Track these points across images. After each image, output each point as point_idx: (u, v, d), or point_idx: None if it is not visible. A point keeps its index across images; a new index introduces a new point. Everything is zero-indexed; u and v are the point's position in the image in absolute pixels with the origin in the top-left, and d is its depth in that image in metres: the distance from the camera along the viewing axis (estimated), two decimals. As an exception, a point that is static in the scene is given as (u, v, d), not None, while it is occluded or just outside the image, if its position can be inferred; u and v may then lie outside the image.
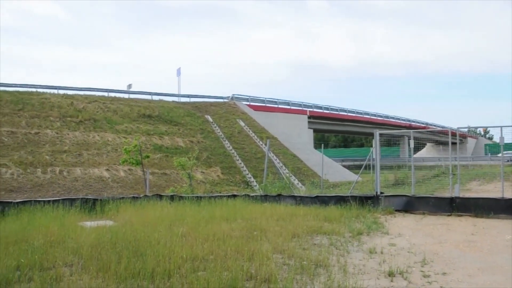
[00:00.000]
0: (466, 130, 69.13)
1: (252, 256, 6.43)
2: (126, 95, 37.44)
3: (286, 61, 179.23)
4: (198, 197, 14.10)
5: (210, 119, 34.95)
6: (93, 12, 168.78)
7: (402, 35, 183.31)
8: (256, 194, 15.67)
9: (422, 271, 5.98)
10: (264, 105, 44.18)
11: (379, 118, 58.93)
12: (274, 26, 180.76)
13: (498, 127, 12.54)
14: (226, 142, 30.69)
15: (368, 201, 12.71)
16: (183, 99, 40.67)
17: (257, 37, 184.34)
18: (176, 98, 40.24)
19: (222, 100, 42.10)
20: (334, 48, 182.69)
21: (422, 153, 71.53)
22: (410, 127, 56.36)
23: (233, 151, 29.07)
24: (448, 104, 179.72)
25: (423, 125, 64.28)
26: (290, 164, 28.13)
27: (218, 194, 15.26)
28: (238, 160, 27.71)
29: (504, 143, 12.64)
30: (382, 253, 7.13)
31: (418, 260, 6.63)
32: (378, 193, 12.81)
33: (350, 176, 30.51)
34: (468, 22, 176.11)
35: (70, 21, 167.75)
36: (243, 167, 26.62)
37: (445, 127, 42.21)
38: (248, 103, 42.27)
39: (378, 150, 13.71)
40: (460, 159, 19.22)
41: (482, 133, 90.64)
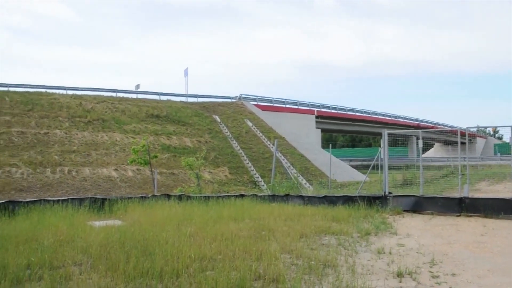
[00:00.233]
0: (475, 129, 68.67)
1: (260, 256, 6.43)
2: (134, 95, 37.64)
3: (293, 61, 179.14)
4: (206, 197, 14.12)
5: (218, 119, 35.00)
6: (101, 13, 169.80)
7: (410, 34, 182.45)
8: (264, 194, 15.67)
9: (431, 272, 5.94)
10: (271, 105, 44.16)
11: (387, 118, 58.66)
12: (282, 26, 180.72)
13: (508, 127, 12.46)
14: (234, 142, 30.72)
15: (376, 201, 12.64)
16: (191, 99, 40.82)
17: (264, 37, 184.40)
18: (183, 98, 40.36)
19: (229, 100, 42.15)
20: (341, 47, 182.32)
21: (430, 153, 71.16)
22: (418, 127, 56.05)
23: (240, 151, 29.09)
24: (456, 103, 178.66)
25: (432, 124, 63.89)
26: (298, 164, 28.09)
27: (226, 194, 15.26)
28: (246, 160, 27.73)
29: (514, 143, 12.53)
30: (391, 253, 7.09)
31: (427, 260, 6.58)
32: (386, 193, 12.74)
33: (358, 176, 30.41)
34: (477, 21, 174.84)
35: (79, 22, 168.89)
36: (251, 167, 26.63)
37: (454, 127, 41.91)
38: (255, 103, 42.28)
39: (386, 150, 13.64)
40: (469, 159, 19.06)
41: (492, 133, 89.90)
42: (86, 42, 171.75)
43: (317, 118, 46.88)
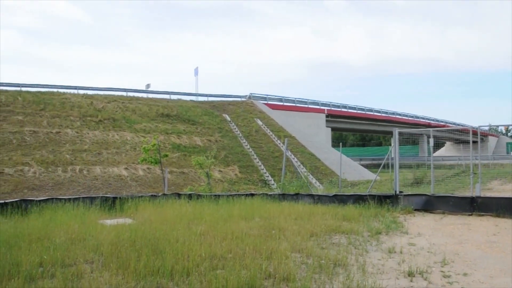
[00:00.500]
0: (487, 128, 67.93)
1: (270, 254, 6.43)
2: (144, 95, 37.82)
3: (303, 60, 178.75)
4: (216, 195, 14.15)
5: (228, 118, 35.05)
6: (112, 13, 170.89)
7: (421, 33, 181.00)
8: (274, 193, 15.66)
9: (442, 271, 5.90)
10: (281, 104, 44.11)
11: (398, 117, 58.29)
12: (292, 25, 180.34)
13: (520, 125, 12.27)
14: (244, 141, 30.74)
15: (386, 200, 12.58)
16: (201, 98, 40.90)
17: (274, 36, 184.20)
18: (194, 97, 40.47)
19: (239, 99, 42.18)
20: (352, 46, 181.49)
21: (441, 151, 70.56)
22: (429, 126, 55.62)
23: (250, 150, 29.11)
24: (468, 102, 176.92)
25: (442, 123, 63.39)
26: (308, 163, 28.04)
27: (236, 193, 15.29)
28: (256, 159, 27.74)
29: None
30: (402, 252, 7.06)
31: (438, 260, 6.54)
32: (397, 192, 12.67)
33: (368, 175, 30.30)
34: (488, 19, 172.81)
35: (90, 22, 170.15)
36: (261, 166, 26.64)
37: (465, 126, 41.52)
38: (265, 102, 42.26)
39: (397, 149, 13.55)
40: (481, 158, 18.87)
41: (504, 131, 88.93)
42: (97, 42, 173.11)
43: (327, 117, 46.75)
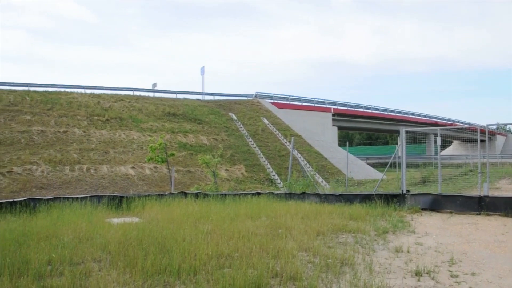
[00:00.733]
0: (495, 127, 67.43)
1: (277, 253, 6.43)
2: (151, 94, 37.97)
3: (309, 58, 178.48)
4: (222, 194, 14.17)
5: (234, 117, 35.07)
6: (118, 13, 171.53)
7: (427, 31, 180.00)
8: (280, 192, 15.66)
9: (450, 271, 5.87)
10: (288, 102, 44.06)
11: (404, 116, 58.03)
12: (298, 24, 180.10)
13: (529, 124, 12.18)
14: (250, 140, 30.75)
15: (393, 199, 12.54)
16: (207, 97, 40.93)
17: (281, 35, 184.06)
18: (200, 96, 40.52)
19: (246, 98, 42.18)
20: (358, 45, 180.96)
21: (448, 150, 70.19)
22: (436, 124, 55.28)
23: (257, 149, 29.11)
24: (474, 101, 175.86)
25: (449, 122, 63.01)
26: (314, 162, 28.00)
27: (242, 192, 15.30)
28: (262, 157, 27.74)
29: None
30: (409, 252, 7.03)
31: (445, 259, 6.51)
32: (404, 191, 12.62)
33: (375, 174, 30.22)
34: (495, 17, 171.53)
35: (97, 22, 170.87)
36: (267, 165, 26.64)
37: (472, 124, 41.31)
38: (272, 101, 42.22)
39: (404, 148, 13.49)
40: (489, 157, 18.74)
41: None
42: (104, 42, 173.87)
43: (333, 115, 46.63)
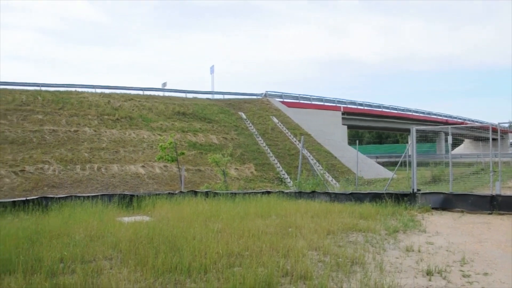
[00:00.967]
0: (507, 125, 66.68)
1: (287, 252, 6.44)
2: (161, 93, 38.10)
3: (317, 58, 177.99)
4: (232, 193, 14.19)
5: (244, 116, 35.08)
6: (128, 13, 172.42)
7: (434, 30, 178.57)
8: (290, 190, 15.62)
9: (461, 271, 5.83)
10: (297, 101, 43.94)
11: (415, 114, 57.61)
12: (306, 23, 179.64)
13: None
14: (260, 138, 30.75)
15: (404, 198, 12.46)
16: (217, 96, 40.95)
17: (289, 34, 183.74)
18: (210, 96, 40.58)
19: (255, 97, 42.16)
20: (366, 43, 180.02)
21: (460, 149, 69.56)
22: (446, 123, 54.87)
23: (266, 148, 29.10)
24: (486, 99, 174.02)
25: (460, 120, 62.43)
26: (324, 160, 27.90)
27: (252, 191, 15.29)
28: (272, 156, 27.72)
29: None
30: (420, 251, 6.99)
31: (457, 259, 6.46)
32: (415, 190, 12.53)
33: (385, 173, 30.05)
34: (502, 15, 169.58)
35: (107, 23, 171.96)
36: (277, 164, 26.62)
37: (483, 123, 40.90)
38: (281, 100, 42.13)
39: (415, 146, 13.41)
40: (501, 156, 18.54)
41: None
42: (114, 42, 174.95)
43: (343, 114, 46.40)
